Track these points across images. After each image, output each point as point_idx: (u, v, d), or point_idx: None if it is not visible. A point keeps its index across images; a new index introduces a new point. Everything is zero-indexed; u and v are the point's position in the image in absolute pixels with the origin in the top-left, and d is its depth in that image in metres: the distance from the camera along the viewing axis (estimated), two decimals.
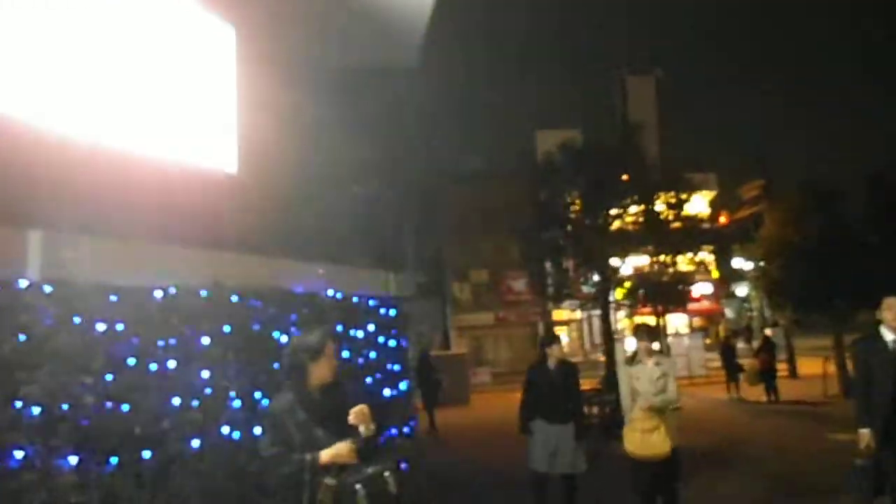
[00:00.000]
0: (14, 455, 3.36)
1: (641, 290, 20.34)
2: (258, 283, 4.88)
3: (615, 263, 19.91)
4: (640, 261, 20.82)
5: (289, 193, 5.10)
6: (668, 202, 19.76)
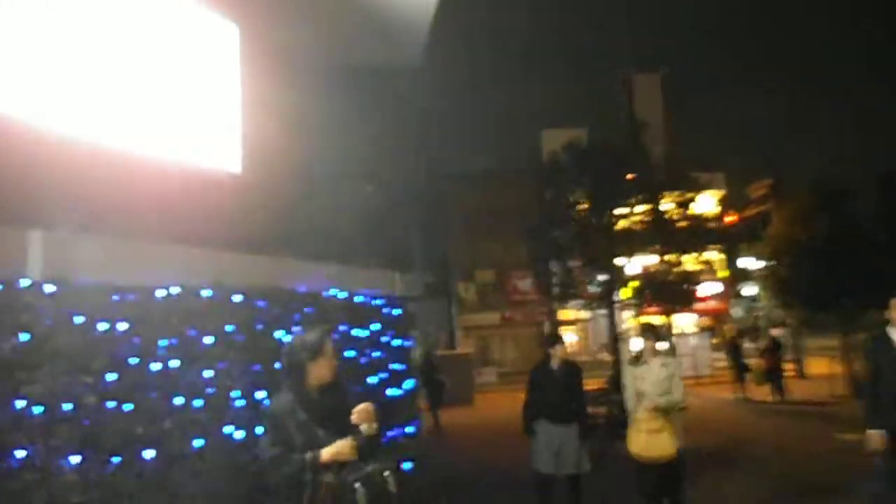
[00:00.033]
0: (15, 455, 3.36)
1: (647, 290, 20.27)
2: (261, 283, 4.87)
3: (621, 263, 19.85)
4: (647, 260, 20.74)
5: (293, 193, 5.08)
6: (675, 201, 19.69)
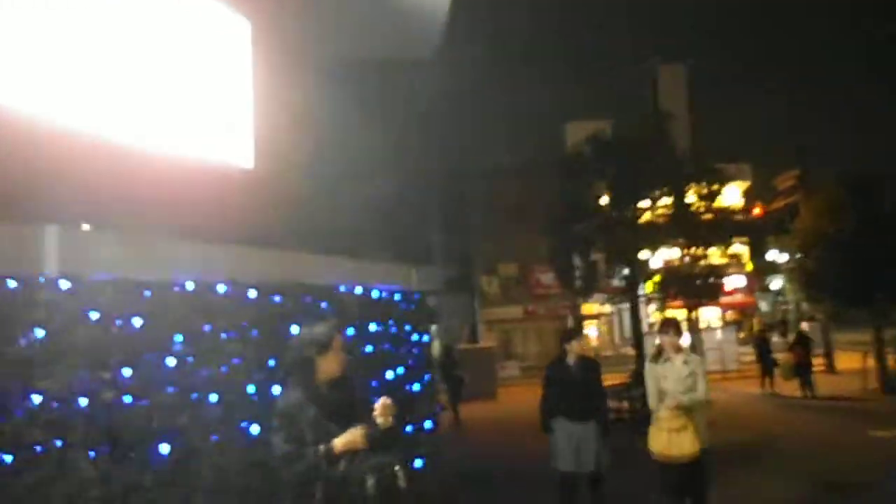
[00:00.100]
0: (33, 449, 3.40)
1: (671, 284, 20.01)
2: (276, 278, 4.87)
3: (645, 256, 19.61)
4: (671, 254, 20.47)
5: (306, 188, 5.06)
6: (700, 193, 19.38)
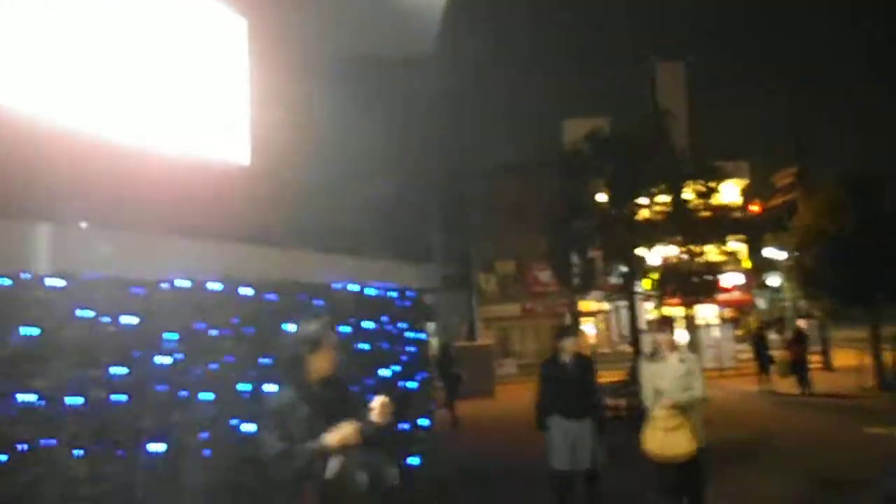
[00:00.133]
0: (24, 448, 3.38)
1: (668, 281, 20.01)
2: (271, 276, 4.85)
3: (642, 254, 19.61)
4: (668, 251, 20.47)
5: (303, 185, 5.04)
6: (698, 191, 19.38)
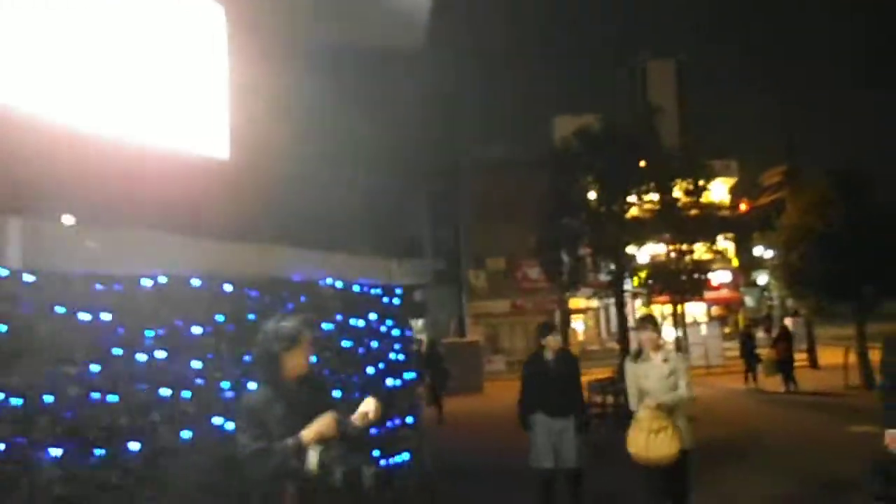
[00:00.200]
0: None
1: (657, 279, 20.06)
2: (253, 272, 4.78)
3: (631, 251, 19.63)
4: (657, 249, 20.51)
5: (284, 180, 4.95)
6: (687, 189, 19.41)
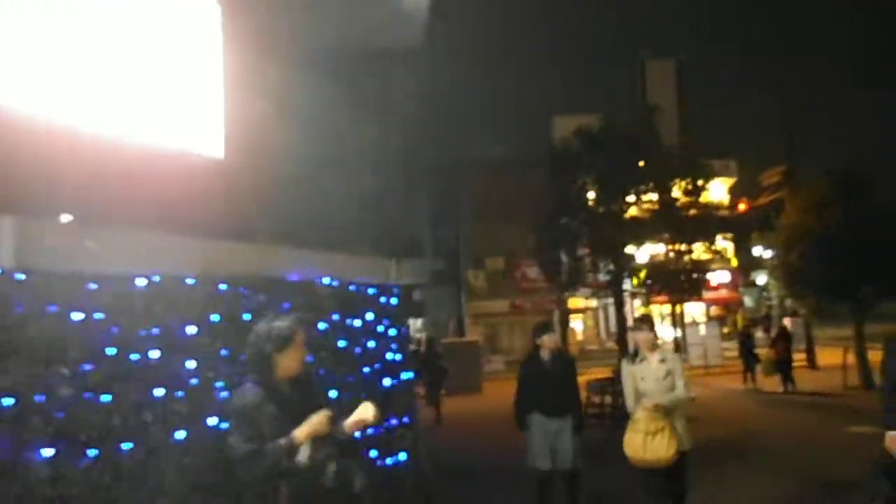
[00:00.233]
0: None
1: (655, 279, 20.03)
2: (248, 272, 4.74)
3: (630, 251, 19.61)
4: (656, 249, 20.49)
5: (280, 178, 4.92)
6: (686, 189, 19.38)
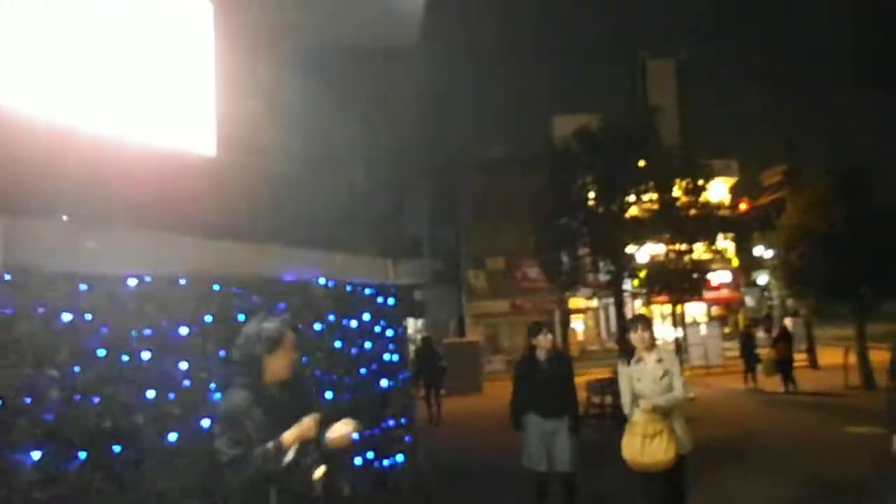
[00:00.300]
0: None
1: (656, 279, 19.98)
2: (242, 272, 4.70)
3: (631, 251, 19.55)
4: (657, 248, 20.43)
5: (272, 176, 4.88)
6: (686, 188, 19.32)
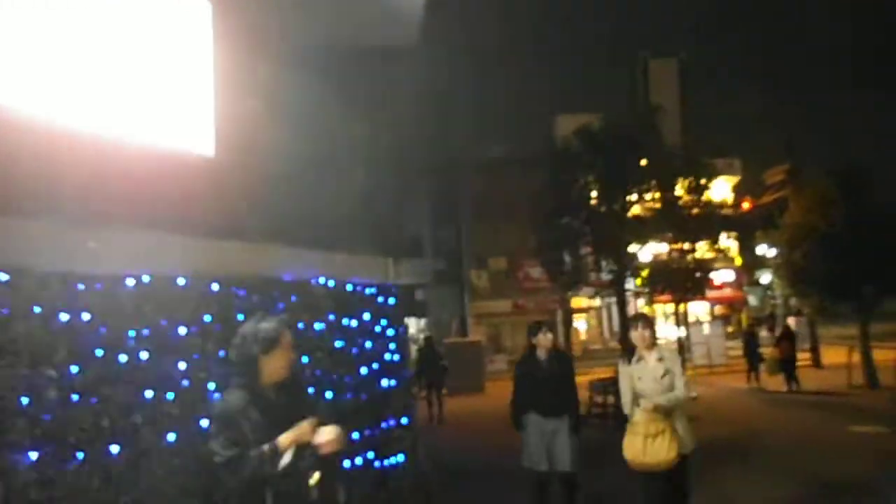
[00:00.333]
0: None
1: (658, 278, 19.93)
2: (241, 271, 4.68)
3: (633, 250, 19.51)
4: (659, 248, 20.38)
5: (271, 176, 4.87)
6: (689, 187, 19.26)
